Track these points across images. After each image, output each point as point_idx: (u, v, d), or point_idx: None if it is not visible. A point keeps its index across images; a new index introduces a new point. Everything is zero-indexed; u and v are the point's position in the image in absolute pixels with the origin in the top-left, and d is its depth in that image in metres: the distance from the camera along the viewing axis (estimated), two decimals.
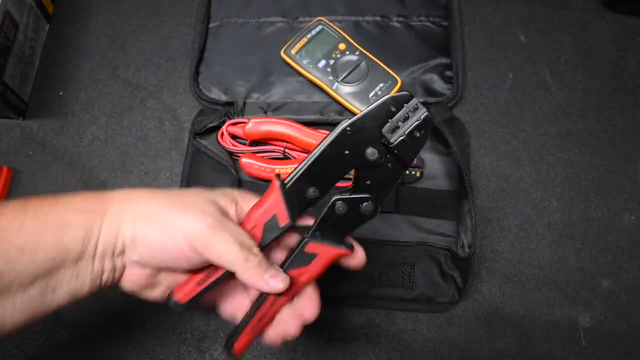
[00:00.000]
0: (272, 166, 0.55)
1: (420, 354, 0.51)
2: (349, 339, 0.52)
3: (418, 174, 0.55)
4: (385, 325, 0.52)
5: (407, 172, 0.55)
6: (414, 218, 0.55)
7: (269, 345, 0.39)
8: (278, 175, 0.37)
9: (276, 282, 0.36)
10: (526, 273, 0.54)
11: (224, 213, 0.37)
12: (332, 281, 0.52)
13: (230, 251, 0.34)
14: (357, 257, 0.39)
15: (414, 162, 0.55)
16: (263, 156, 0.56)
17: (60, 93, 0.63)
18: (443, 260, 0.52)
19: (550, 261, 0.54)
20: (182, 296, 0.37)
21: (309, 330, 0.52)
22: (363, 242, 0.53)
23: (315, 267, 0.37)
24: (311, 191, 0.36)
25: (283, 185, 0.36)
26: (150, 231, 0.34)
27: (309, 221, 0.38)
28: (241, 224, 0.37)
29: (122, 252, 0.35)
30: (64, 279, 0.34)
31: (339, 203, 0.36)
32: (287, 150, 0.56)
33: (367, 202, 0.37)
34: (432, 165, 0.57)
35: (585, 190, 0.57)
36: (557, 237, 0.55)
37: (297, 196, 0.36)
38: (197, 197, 0.36)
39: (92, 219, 0.34)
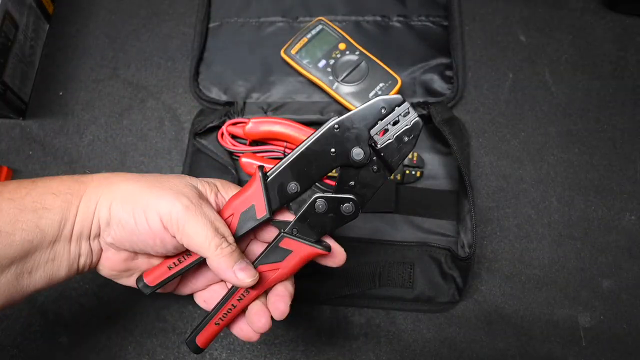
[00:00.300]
0: (272, 166, 0.54)
1: (421, 354, 0.51)
2: (349, 339, 0.52)
3: (418, 174, 0.55)
4: (386, 325, 0.52)
5: (407, 171, 0.55)
6: (414, 218, 0.55)
7: (243, 340, 0.39)
8: (261, 167, 0.37)
9: (244, 275, 0.35)
10: (526, 273, 0.54)
11: (203, 198, 0.36)
12: (331, 281, 0.52)
13: (203, 235, 0.34)
14: (337, 257, 0.39)
15: (414, 161, 0.55)
16: (263, 156, 0.56)
17: (60, 93, 0.63)
18: (443, 260, 0.52)
19: (550, 261, 0.54)
20: (152, 279, 0.37)
21: (309, 330, 0.52)
22: (363, 242, 0.53)
23: (288, 264, 0.37)
24: (292, 186, 0.36)
25: (264, 176, 0.36)
26: (125, 211, 0.34)
27: (288, 217, 0.38)
28: (220, 211, 0.37)
29: (98, 235, 0.35)
30: (40, 262, 0.34)
31: (319, 201, 0.36)
32: (287, 150, 0.56)
33: (349, 202, 0.36)
34: (432, 165, 0.57)
35: (586, 190, 0.57)
36: (557, 237, 0.55)
37: (277, 189, 0.36)
38: (175, 180, 0.36)
39: (69, 201, 0.34)
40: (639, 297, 0.53)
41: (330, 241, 0.39)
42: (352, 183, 0.36)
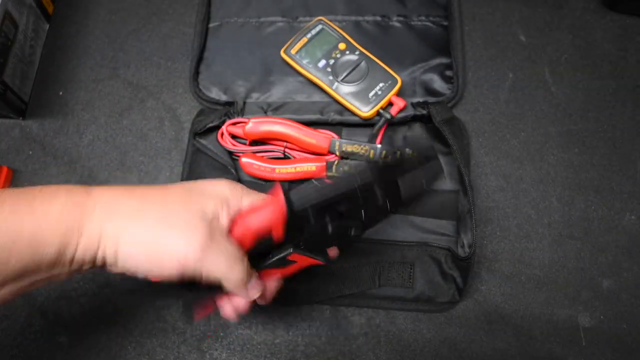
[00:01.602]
0: (272, 166, 0.55)
1: (421, 354, 0.51)
2: (349, 339, 0.52)
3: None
4: (386, 325, 0.52)
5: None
6: (414, 218, 0.55)
7: (224, 317, 0.42)
8: (286, 192, 0.37)
9: (254, 292, 0.38)
10: (526, 273, 0.54)
11: (214, 223, 0.36)
12: (331, 281, 0.52)
13: (221, 273, 0.35)
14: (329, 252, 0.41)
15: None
16: (263, 156, 0.56)
17: (60, 93, 0.63)
18: (443, 260, 0.52)
19: (550, 261, 0.54)
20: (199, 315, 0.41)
21: (309, 330, 0.52)
22: (363, 242, 0.53)
23: (289, 270, 0.40)
24: (312, 220, 0.37)
25: (289, 206, 0.36)
26: (137, 253, 0.34)
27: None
28: (232, 224, 0.37)
29: (103, 265, 0.35)
30: (37, 280, 0.33)
31: (331, 225, 0.38)
32: (287, 150, 0.56)
33: (357, 228, 0.39)
34: None
35: (586, 190, 0.57)
36: (557, 237, 0.55)
37: (297, 221, 0.37)
38: (185, 214, 0.35)
39: (69, 234, 0.33)
40: (639, 297, 0.53)
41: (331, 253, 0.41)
42: (363, 211, 0.39)
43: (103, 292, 0.54)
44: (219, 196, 0.37)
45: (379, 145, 0.55)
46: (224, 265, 0.35)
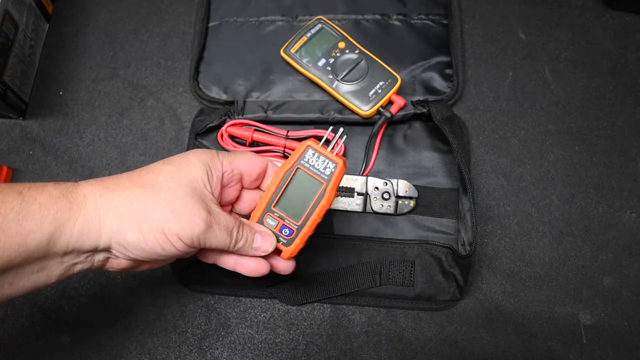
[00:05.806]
0: None
1: (421, 352, 0.51)
2: (350, 338, 0.52)
3: (412, 204, 0.55)
4: (386, 323, 0.53)
5: (400, 201, 0.54)
6: (415, 216, 0.55)
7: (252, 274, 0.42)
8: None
9: (265, 247, 0.40)
10: (527, 271, 0.54)
11: (205, 194, 0.37)
12: (332, 279, 0.52)
13: (223, 240, 0.37)
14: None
15: (407, 191, 0.54)
16: (263, 156, 0.56)
17: (60, 93, 0.63)
18: (444, 258, 0.53)
19: (551, 259, 0.54)
20: None
21: (310, 329, 0.52)
22: (364, 241, 0.53)
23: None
24: None
25: None
26: (144, 240, 0.34)
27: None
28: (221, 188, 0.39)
29: (107, 250, 0.35)
30: (23, 273, 0.32)
31: None
32: (287, 150, 0.56)
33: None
34: (432, 163, 0.57)
35: (586, 187, 0.57)
36: (558, 234, 0.55)
37: None
38: (184, 200, 0.35)
39: (62, 218, 0.32)
40: None
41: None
42: None
43: (104, 291, 0.54)
44: (204, 166, 0.38)
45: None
46: (225, 237, 0.37)
